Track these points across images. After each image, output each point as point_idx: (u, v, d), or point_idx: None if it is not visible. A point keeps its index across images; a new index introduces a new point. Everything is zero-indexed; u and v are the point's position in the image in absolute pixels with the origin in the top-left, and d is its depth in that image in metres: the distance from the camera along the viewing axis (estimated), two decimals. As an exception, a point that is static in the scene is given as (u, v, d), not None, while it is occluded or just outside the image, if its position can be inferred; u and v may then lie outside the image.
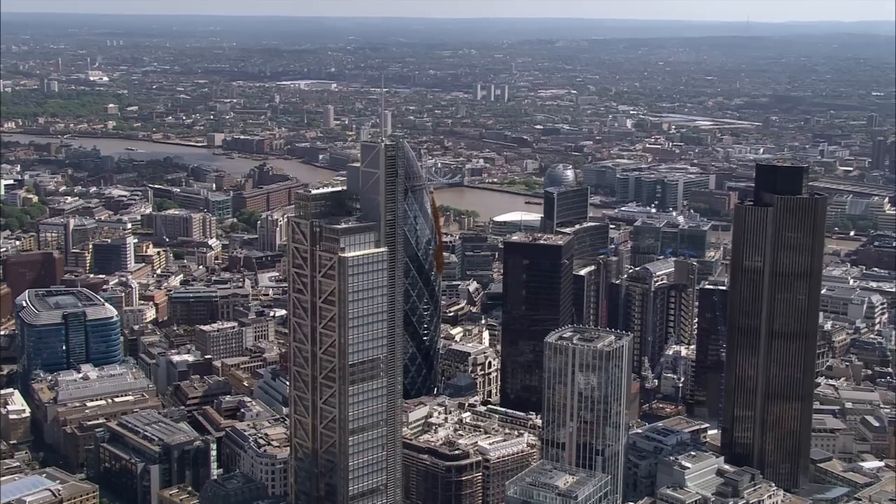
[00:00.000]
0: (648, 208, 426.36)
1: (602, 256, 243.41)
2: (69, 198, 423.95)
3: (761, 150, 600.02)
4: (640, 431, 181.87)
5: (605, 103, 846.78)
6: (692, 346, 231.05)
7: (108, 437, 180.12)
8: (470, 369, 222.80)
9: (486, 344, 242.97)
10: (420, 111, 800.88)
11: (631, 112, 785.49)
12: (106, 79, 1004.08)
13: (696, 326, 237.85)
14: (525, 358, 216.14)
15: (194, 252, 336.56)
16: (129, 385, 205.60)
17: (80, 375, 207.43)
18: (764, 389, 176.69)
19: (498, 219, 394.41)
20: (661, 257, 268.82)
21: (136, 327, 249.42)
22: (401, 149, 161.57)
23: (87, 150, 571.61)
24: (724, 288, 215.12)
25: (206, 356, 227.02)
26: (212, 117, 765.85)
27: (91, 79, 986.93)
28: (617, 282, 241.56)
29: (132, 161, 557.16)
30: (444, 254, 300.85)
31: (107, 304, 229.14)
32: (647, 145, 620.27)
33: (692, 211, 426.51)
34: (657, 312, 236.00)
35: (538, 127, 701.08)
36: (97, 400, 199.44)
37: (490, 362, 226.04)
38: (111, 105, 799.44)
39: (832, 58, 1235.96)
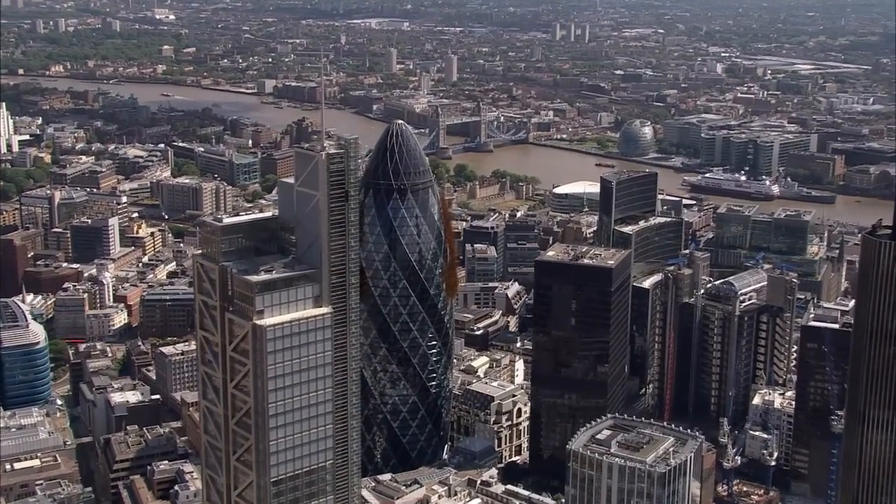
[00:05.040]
0: (738, 175, 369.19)
1: (672, 268, 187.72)
2: (83, 157, 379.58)
3: (871, 101, 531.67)
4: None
5: (694, 44, 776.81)
6: (789, 394, 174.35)
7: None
8: (493, 419, 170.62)
9: (521, 378, 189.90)
10: (492, 53, 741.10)
11: (722, 55, 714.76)
12: (172, 17, 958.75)
13: (794, 363, 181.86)
14: (562, 404, 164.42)
15: (195, 232, 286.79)
16: (40, 443, 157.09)
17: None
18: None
19: (559, 190, 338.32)
20: (749, 264, 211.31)
21: (82, 347, 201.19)
22: (354, 156, 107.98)
23: (123, 99, 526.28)
24: (836, 327, 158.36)
25: (154, 397, 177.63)
26: (270, 60, 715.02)
27: (157, 17, 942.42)
28: (691, 300, 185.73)
29: (171, 110, 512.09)
30: (482, 246, 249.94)
31: (32, 325, 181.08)
32: (739, 95, 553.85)
33: (789, 178, 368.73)
34: (742, 346, 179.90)
35: (618, 72, 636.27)
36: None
37: (520, 409, 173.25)
38: (166, 47, 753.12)
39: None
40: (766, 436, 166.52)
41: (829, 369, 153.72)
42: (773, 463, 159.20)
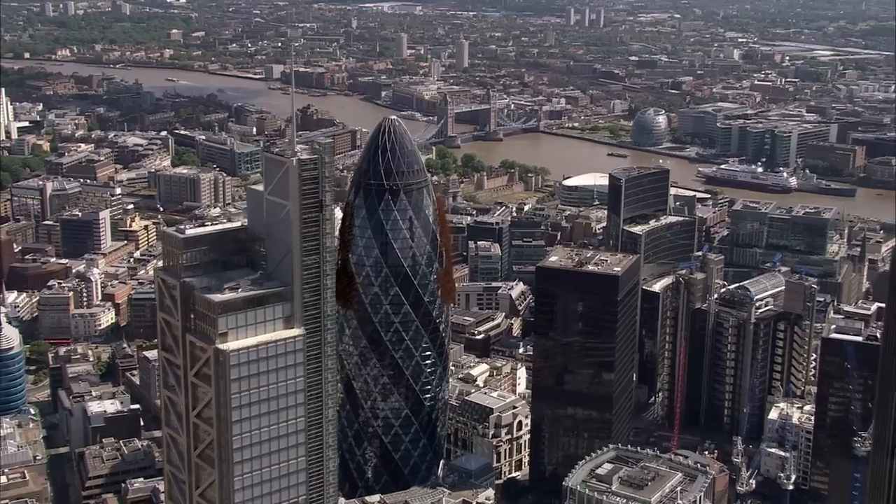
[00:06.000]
0: (754, 167, 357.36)
1: (684, 271, 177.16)
2: (82, 145, 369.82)
3: (892, 88, 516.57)
4: None
5: (711, 29, 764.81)
6: (808, 408, 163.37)
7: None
8: (491, 432, 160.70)
9: (523, 387, 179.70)
10: (505, 38, 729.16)
11: (739, 40, 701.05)
12: (183, 0, 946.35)
13: (813, 374, 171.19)
14: (565, 416, 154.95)
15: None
16: (8, 458, 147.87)
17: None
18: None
19: (568, 182, 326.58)
20: (766, 266, 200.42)
21: (62, 351, 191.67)
22: (330, 163, 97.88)
23: (128, 85, 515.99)
24: (859, 339, 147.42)
25: (133, 407, 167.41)
26: (279, 45, 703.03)
27: (167, 0, 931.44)
28: (703, 306, 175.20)
29: (175, 96, 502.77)
30: (485, 243, 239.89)
31: (6, 329, 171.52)
32: (756, 82, 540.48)
33: (808, 170, 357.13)
34: (757, 355, 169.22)
35: (633, 58, 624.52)
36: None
37: (521, 422, 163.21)
38: (175, 31, 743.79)
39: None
40: (782, 453, 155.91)
41: (852, 387, 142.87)
42: (791, 487, 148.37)
